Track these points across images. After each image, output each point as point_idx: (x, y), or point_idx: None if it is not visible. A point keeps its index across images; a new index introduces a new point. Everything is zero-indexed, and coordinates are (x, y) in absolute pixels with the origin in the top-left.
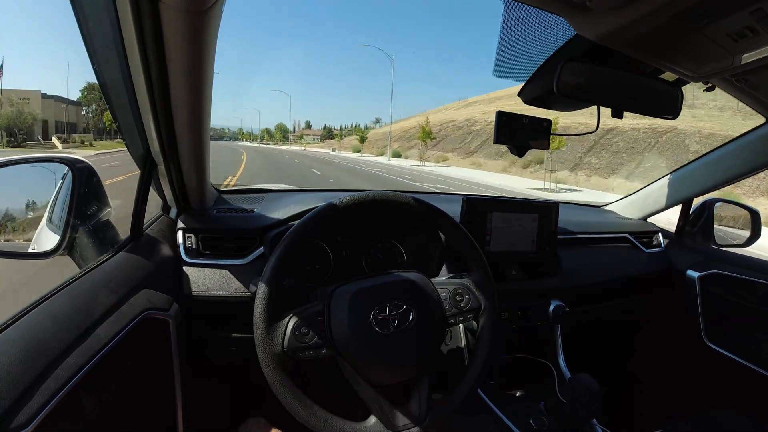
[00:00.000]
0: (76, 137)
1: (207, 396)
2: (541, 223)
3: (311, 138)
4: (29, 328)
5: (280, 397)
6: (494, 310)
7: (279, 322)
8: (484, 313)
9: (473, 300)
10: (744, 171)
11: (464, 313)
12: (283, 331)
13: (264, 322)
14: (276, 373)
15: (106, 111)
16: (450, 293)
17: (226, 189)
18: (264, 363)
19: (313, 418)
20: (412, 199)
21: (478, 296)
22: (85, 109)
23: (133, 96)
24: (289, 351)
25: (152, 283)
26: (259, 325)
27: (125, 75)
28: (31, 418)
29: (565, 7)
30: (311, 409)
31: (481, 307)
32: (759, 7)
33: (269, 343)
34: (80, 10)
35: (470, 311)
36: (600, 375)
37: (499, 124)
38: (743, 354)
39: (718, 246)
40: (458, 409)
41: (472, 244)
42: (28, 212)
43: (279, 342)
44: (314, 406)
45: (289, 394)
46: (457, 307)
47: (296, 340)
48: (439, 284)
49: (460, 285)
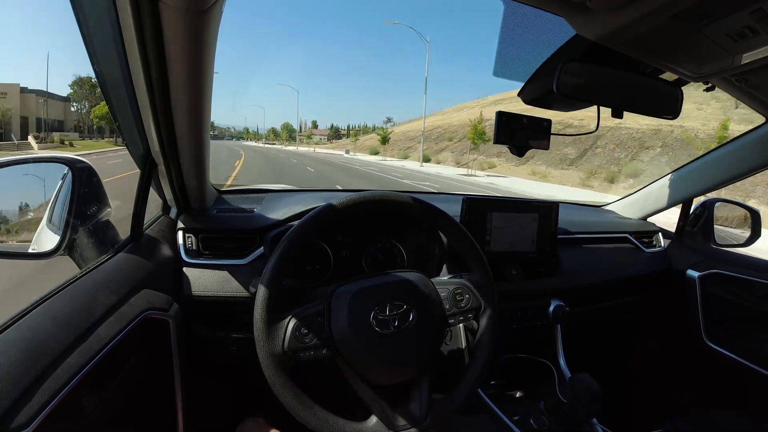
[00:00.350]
0: (56, 136)
1: (207, 396)
2: (541, 223)
3: (318, 138)
4: (29, 328)
5: (281, 397)
6: (494, 309)
7: (279, 323)
8: (485, 312)
9: (473, 300)
10: (744, 171)
11: (464, 312)
12: (284, 331)
13: (264, 323)
14: (276, 374)
15: (93, 107)
16: (450, 293)
17: (226, 189)
18: (264, 364)
19: (313, 418)
20: (413, 199)
21: (478, 296)
22: (76, 105)
23: (133, 96)
24: (290, 351)
25: (152, 283)
26: (259, 326)
27: (125, 75)
28: (31, 418)
29: (565, 7)
30: (312, 410)
31: (481, 307)
32: (759, 7)
33: (269, 344)
34: (80, 10)
35: (470, 311)
36: (600, 375)
37: (499, 124)
38: (743, 354)
39: (718, 246)
40: (458, 409)
41: (473, 244)
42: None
43: (279, 343)
44: (315, 406)
45: (290, 395)
46: (457, 307)
47: (296, 340)
48: (439, 284)
49: (460, 285)
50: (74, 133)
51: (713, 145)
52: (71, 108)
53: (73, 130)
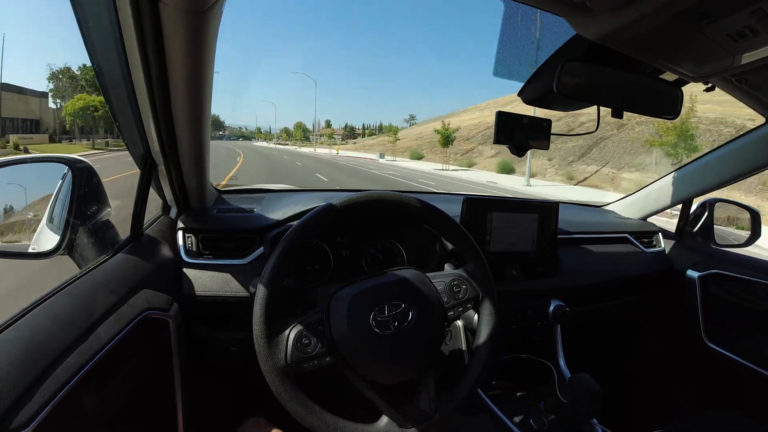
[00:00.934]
0: (13, 139)
1: (207, 396)
2: (541, 223)
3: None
4: (30, 328)
5: (289, 408)
6: (493, 298)
7: (279, 335)
8: (483, 301)
9: (470, 290)
10: (744, 171)
11: (462, 303)
12: (285, 344)
13: (264, 338)
14: (283, 387)
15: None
16: (447, 285)
17: (226, 189)
18: (269, 379)
19: (323, 425)
20: (413, 199)
21: (475, 285)
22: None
23: (133, 96)
24: (293, 363)
25: (152, 283)
26: (260, 342)
27: (125, 75)
28: (31, 418)
29: (565, 7)
30: (321, 416)
31: (479, 296)
32: (759, 7)
33: (272, 359)
34: (80, 10)
35: (468, 301)
36: (600, 375)
37: (499, 124)
38: (743, 354)
39: (718, 246)
40: (458, 409)
41: (472, 245)
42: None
43: (282, 356)
44: (324, 412)
45: (298, 404)
46: (455, 299)
47: (299, 351)
48: (435, 277)
49: (456, 276)
50: (43, 135)
51: None
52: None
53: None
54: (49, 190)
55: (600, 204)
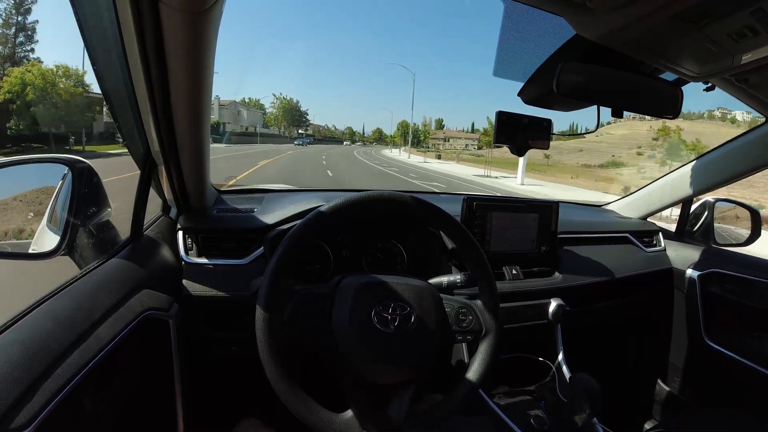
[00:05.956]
0: None
1: (207, 396)
2: (541, 222)
3: (464, 143)
4: (30, 328)
5: (268, 372)
6: (496, 335)
7: (284, 292)
8: (485, 337)
9: (476, 322)
10: (744, 170)
11: (464, 333)
12: (287, 301)
13: (265, 326)
14: (275, 368)
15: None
16: (454, 310)
17: (226, 189)
18: (260, 335)
19: (294, 399)
20: (413, 199)
21: (481, 321)
22: None
23: (133, 96)
24: (287, 324)
25: (152, 283)
26: (260, 318)
27: (125, 75)
28: (32, 419)
29: (565, 7)
30: (293, 390)
31: (482, 331)
32: (759, 7)
33: (270, 313)
34: (80, 10)
35: (471, 333)
36: (600, 374)
37: (499, 124)
38: (743, 353)
39: (718, 245)
40: (458, 409)
41: (473, 245)
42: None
43: (280, 312)
44: (296, 386)
45: (277, 372)
46: (459, 326)
47: (299, 322)
48: (446, 300)
49: (465, 305)
50: None
51: None
52: None
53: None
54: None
55: (600, 204)
